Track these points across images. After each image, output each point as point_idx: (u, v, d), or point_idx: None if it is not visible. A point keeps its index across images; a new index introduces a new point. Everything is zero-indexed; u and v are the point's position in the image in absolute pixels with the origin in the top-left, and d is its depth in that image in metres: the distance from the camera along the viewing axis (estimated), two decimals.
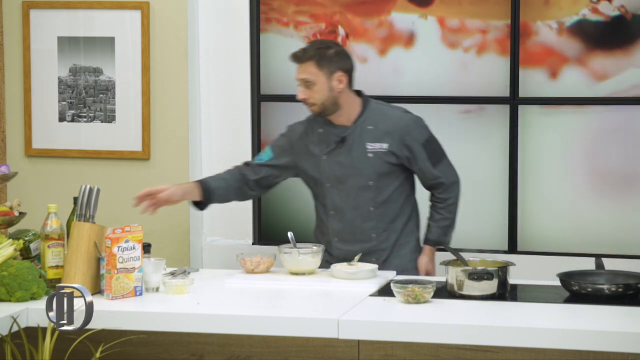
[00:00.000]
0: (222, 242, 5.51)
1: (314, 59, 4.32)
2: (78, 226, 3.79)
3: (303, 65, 4.34)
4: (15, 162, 5.57)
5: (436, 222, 4.45)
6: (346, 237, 4.44)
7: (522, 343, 3.28)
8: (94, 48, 5.51)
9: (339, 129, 4.40)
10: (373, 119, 4.40)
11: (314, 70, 4.32)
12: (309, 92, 4.33)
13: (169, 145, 5.48)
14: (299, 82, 4.36)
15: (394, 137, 4.37)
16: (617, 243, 5.16)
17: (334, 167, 4.41)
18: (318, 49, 4.35)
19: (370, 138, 4.38)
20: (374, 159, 4.37)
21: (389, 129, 4.38)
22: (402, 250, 4.46)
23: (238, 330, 3.48)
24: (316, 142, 4.43)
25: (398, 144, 4.37)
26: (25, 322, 3.52)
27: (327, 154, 4.41)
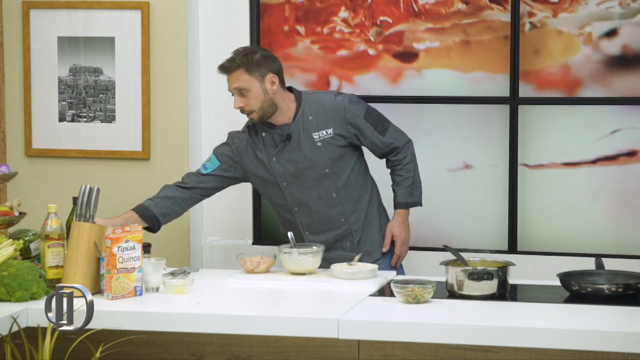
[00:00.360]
0: (222, 242, 5.50)
1: (242, 66, 4.35)
2: (78, 226, 3.79)
3: (233, 74, 4.36)
4: (15, 162, 5.57)
5: (399, 185, 4.52)
6: (317, 228, 4.49)
7: (522, 343, 3.28)
8: (94, 48, 5.51)
9: (282, 128, 4.44)
10: (310, 109, 4.45)
11: (245, 77, 4.35)
12: (245, 99, 4.37)
13: (169, 145, 5.48)
14: (232, 93, 4.40)
15: (336, 119, 4.43)
16: (617, 243, 5.16)
17: (286, 165, 4.44)
18: (244, 55, 4.38)
19: (313, 128, 4.43)
20: (324, 147, 4.42)
21: (328, 114, 4.44)
22: (372, 228, 4.53)
23: (238, 330, 3.48)
24: (262, 147, 4.46)
25: (342, 125, 4.43)
26: (25, 322, 3.52)
27: (276, 155, 4.44)
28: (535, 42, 5.15)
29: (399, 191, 4.53)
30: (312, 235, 4.49)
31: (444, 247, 4.15)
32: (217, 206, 5.51)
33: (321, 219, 4.47)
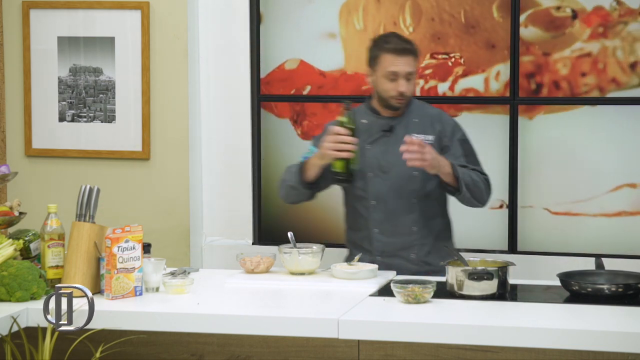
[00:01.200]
0: (222, 242, 5.51)
1: (415, 53, 4.35)
2: (78, 226, 3.79)
3: (408, 58, 4.32)
4: (15, 162, 5.57)
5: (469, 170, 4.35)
6: (387, 228, 4.39)
7: (522, 343, 3.28)
8: (94, 48, 5.51)
9: (386, 119, 4.40)
10: (418, 112, 4.42)
11: (414, 64, 4.34)
12: (408, 85, 4.33)
13: (169, 145, 5.48)
14: (396, 76, 4.30)
15: (436, 130, 4.39)
16: (617, 243, 5.16)
17: (378, 155, 4.39)
18: (411, 41, 4.37)
19: (416, 129, 4.38)
20: None
21: (433, 122, 4.41)
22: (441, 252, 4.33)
23: (238, 330, 3.48)
24: (359, 133, 4.35)
25: (439, 136, 4.38)
26: (25, 322, 3.52)
27: (371, 143, 4.39)
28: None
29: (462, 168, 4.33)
30: (381, 235, 4.39)
31: (444, 247, 4.15)
32: (217, 206, 5.51)
33: (394, 221, 4.38)
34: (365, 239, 4.41)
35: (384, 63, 4.33)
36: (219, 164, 5.50)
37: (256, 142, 5.49)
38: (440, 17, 5.26)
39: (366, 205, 4.42)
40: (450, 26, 5.25)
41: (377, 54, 4.35)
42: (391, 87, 4.32)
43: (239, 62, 5.44)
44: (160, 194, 5.49)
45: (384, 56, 4.33)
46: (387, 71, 4.31)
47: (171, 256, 4.81)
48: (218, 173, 5.50)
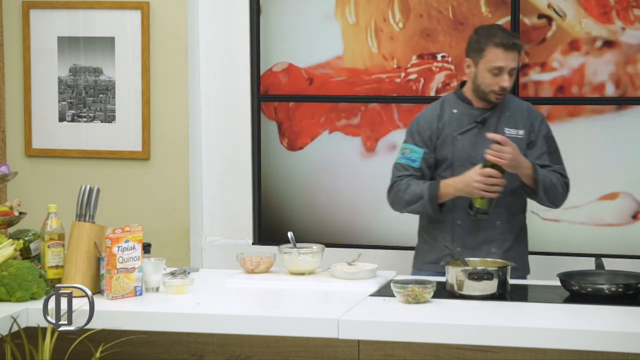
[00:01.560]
0: (222, 242, 5.51)
1: (521, 48, 4.29)
2: (78, 226, 3.79)
3: (514, 53, 4.23)
4: (15, 162, 5.57)
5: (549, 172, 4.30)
6: (469, 223, 4.31)
7: (522, 343, 3.28)
8: (94, 48, 5.51)
9: (479, 110, 4.34)
10: (509, 105, 4.37)
11: (518, 59, 4.27)
12: (510, 80, 4.25)
13: (169, 145, 5.48)
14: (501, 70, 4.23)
15: (526, 125, 4.34)
16: (617, 243, 5.16)
17: (468, 147, 4.32)
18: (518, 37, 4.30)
19: (508, 123, 4.33)
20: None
21: (523, 117, 4.35)
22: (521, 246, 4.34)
23: (238, 330, 3.48)
24: (448, 122, 4.33)
25: (529, 131, 4.33)
26: (25, 322, 3.52)
27: (462, 134, 4.33)
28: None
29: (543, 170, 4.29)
30: (462, 230, 4.32)
31: (444, 247, 4.15)
32: (217, 206, 5.51)
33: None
34: (447, 231, 4.34)
35: (489, 56, 4.23)
36: (219, 164, 5.50)
37: (256, 142, 5.49)
38: (429, 14, 5.26)
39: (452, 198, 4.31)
40: (438, 22, 5.25)
41: (483, 46, 4.25)
42: (494, 82, 4.25)
43: (238, 62, 5.44)
44: (160, 194, 5.49)
45: (490, 49, 4.23)
46: (493, 65, 4.23)
47: (171, 256, 4.82)
48: (218, 173, 5.50)
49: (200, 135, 5.47)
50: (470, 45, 4.32)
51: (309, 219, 5.49)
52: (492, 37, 4.24)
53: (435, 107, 4.41)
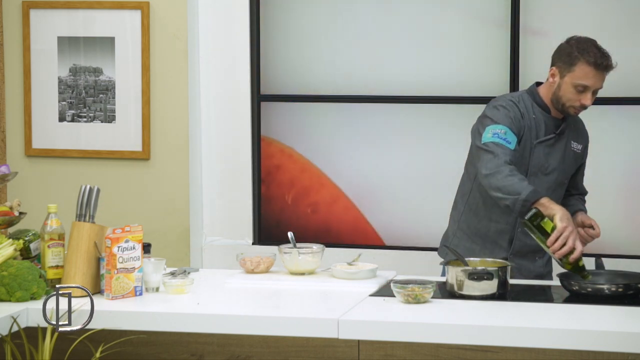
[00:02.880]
0: (222, 242, 5.51)
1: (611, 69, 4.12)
2: (78, 226, 3.79)
3: (603, 74, 4.10)
4: (15, 162, 5.57)
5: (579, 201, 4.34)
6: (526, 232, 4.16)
7: (522, 343, 3.28)
8: (94, 48, 5.51)
9: (555, 120, 4.22)
10: (574, 120, 4.29)
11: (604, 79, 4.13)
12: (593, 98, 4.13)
13: (169, 145, 5.48)
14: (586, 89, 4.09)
15: (585, 140, 4.32)
16: (617, 243, 5.16)
17: (543, 157, 4.21)
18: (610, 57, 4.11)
19: (574, 137, 4.28)
20: (574, 158, 4.27)
21: (582, 132, 4.32)
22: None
23: (238, 330, 3.48)
24: (528, 127, 4.18)
25: (584, 148, 4.31)
26: (25, 322, 3.52)
27: (540, 143, 4.20)
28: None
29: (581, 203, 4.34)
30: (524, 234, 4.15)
31: (443, 247, 4.15)
32: (217, 206, 5.52)
33: None
34: (502, 233, 4.23)
35: (578, 72, 4.08)
36: (219, 164, 5.50)
37: (256, 142, 5.49)
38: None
39: None
40: None
41: (575, 61, 4.08)
42: (576, 98, 4.11)
43: (239, 62, 5.44)
44: (160, 194, 5.49)
45: (581, 66, 4.07)
46: (580, 83, 4.08)
47: (171, 256, 4.82)
48: (218, 173, 5.50)
49: (200, 135, 5.47)
50: (560, 55, 4.13)
51: (309, 219, 5.49)
52: (586, 53, 4.07)
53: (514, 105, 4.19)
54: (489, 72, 5.25)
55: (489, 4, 5.20)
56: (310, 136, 5.47)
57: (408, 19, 5.32)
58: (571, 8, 5.14)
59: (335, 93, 5.43)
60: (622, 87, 5.13)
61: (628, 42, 5.11)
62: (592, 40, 4.14)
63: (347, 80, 5.41)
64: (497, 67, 5.24)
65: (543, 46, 5.17)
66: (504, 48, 5.20)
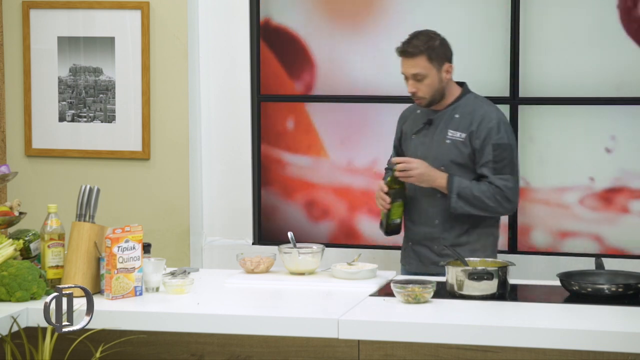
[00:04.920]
0: (222, 242, 5.51)
1: (425, 53, 4.32)
2: (78, 226, 3.79)
3: (414, 60, 4.33)
4: (15, 162, 5.57)
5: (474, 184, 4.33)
6: (414, 217, 4.47)
7: (522, 343, 3.28)
8: (94, 48, 5.51)
9: (430, 112, 4.44)
10: (463, 109, 4.41)
11: (425, 65, 4.33)
12: (419, 85, 4.35)
13: (169, 145, 5.48)
14: (406, 76, 4.36)
15: (473, 128, 4.37)
16: (617, 243, 5.16)
17: (417, 146, 4.46)
18: (427, 42, 4.33)
19: (453, 126, 4.39)
20: (451, 146, 4.38)
21: (473, 120, 4.38)
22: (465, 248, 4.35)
23: (238, 330, 3.48)
24: (410, 121, 4.52)
25: (474, 136, 4.35)
26: (25, 322, 3.52)
27: (415, 134, 4.48)
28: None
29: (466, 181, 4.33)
30: (410, 222, 4.49)
31: (444, 247, 4.15)
32: (217, 206, 5.51)
33: (419, 212, 4.44)
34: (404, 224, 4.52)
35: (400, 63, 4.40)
36: (219, 164, 5.50)
37: (256, 142, 5.49)
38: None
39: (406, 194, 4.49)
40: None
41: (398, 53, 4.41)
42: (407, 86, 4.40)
43: (239, 62, 5.44)
44: (160, 194, 5.49)
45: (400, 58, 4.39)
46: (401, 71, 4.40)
47: (171, 256, 4.82)
48: (218, 173, 5.50)
49: (200, 135, 5.47)
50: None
51: (309, 219, 5.48)
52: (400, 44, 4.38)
53: (410, 108, 4.59)
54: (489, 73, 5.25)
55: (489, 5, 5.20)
56: (310, 135, 5.46)
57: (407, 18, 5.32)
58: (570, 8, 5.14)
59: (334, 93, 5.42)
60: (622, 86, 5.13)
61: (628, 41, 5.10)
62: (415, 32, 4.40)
63: (347, 80, 5.41)
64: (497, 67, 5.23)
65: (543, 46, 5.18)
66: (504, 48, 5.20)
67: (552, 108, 5.20)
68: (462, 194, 4.30)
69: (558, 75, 5.18)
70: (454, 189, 4.30)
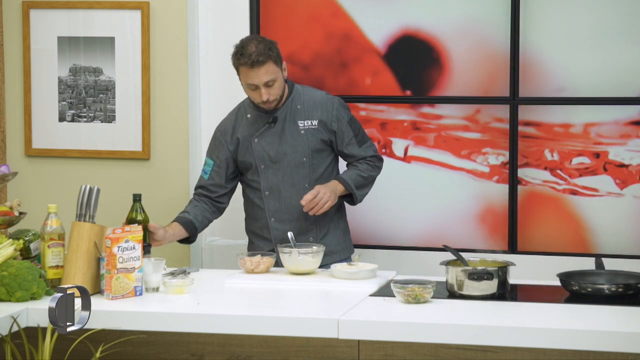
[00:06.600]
0: (222, 242, 5.50)
1: (271, 58, 4.42)
2: (78, 226, 3.79)
3: (264, 67, 4.40)
4: (15, 162, 5.57)
5: (355, 169, 4.55)
6: (283, 216, 4.55)
7: (522, 343, 3.28)
8: (94, 48, 5.51)
9: (269, 111, 4.53)
10: (300, 99, 4.56)
11: (274, 69, 4.43)
12: (271, 90, 4.44)
13: (169, 145, 5.48)
14: (255, 86, 4.43)
15: (322, 113, 4.53)
16: (617, 243, 5.16)
17: (266, 147, 4.53)
18: (268, 46, 4.43)
19: (300, 116, 4.54)
20: (306, 136, 4.52)
21: (317, 106, 4.55)
22: (338, 230, 4.58)
23: (238, 330, 3.48)
24: (245, 127, 4.57)
25: (326, 120, 4.53)
26: (25, 322, 3.52)
27: (258, 136, 4.54)
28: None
29: (350, 172, 4.55)
30: (277, 222, 4.55)
31: (444, 247, 4.15)
32: None
33: (289, 207, 4.53)
34: (264, 228, 4.58)
35: (242, 75, 4.46)
36: None
37: None
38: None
39: (260, 196, 4.57)
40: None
41: (235, 65, 4.49)
42: (255, 96, 4.46)
43: None
44: (160, 194, 5.48)
45: (241, 69, 4.45)
46: (247, 83, 4.45)
47: (171, 256, 4.82)
48: None
49: (200, 135, 5.47)
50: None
51: None
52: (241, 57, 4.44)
53: (231, 116, 4.66)
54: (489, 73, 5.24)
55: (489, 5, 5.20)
56: None
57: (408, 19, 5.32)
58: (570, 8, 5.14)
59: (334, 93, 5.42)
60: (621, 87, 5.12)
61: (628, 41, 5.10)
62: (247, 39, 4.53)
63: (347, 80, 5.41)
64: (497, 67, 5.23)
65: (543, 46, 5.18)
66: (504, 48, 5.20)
67: (552, 108, 5.20)
68: (358, 184, 4.51)
69: (558, 75, 5.18)
70: (352, 186, 4.49)
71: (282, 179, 4.53)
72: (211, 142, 4.67)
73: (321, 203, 4.39)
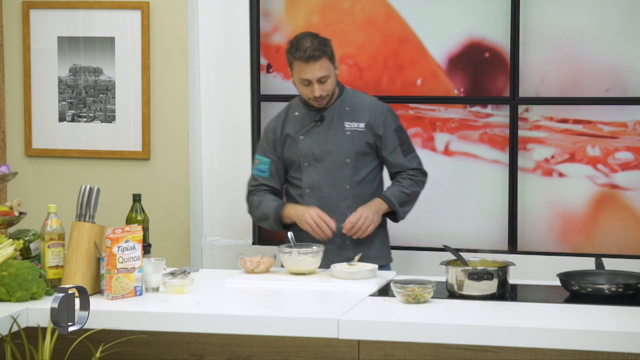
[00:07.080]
0: (222, 242, 5.51)
1: (326, 54, 4.43)
2: (78, 226, 3.79)
3: (318, 62, 4.40)
4: (15, 162, 5.57)
5: (399, 185, 4.53)
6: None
7: (522, 343, 3.28)
8: (94, 48, 5.51)
9: (317, 110, 4.53)
10: (350, 101, 4.55)
11: (328, 65, 4.44)
12: (324, 86, 4.45)
13: (169, 145, 5.48)
14: (309, 81, 4.42)
15: (370, 118, 4.52)
16: (617, 243, 5.16)
17: (311, 145, 4.53)
18: (323, 42, 4.44)
19: (347, 118, 4.53)
20: (352, 137, 4.51)
21: (365, 110, 4.54)
22: (375, 238, 4.54)
23: (238, 330, 3.48)
24: (292, 125, 4.57)
25: (373, 124, 4.52)
26: (25, 322, 3.52)
27: (304, 134, 4.54)
28: None
29: (394, 189, 4.53)
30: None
31: (444, 247, 4.15)
32: (217, 206, 5.51)
33: (328, 207, 4.49)
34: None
35: (296, 70, 4.45)
36: (219, 163, 5.50)
37: (256, 142, 5.49)
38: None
39: (301, 194, 4.55)
40: None
41: (290, 60, 4.47)
42: (308, 91, 4.45)
43: (239, 62, 5.44)
44: (160, 194, 5.49)
45: (296, 64, 4.44)
46: (301, 78, 4.44)
47: (171, 256, 4.82)
48: (218, 173, 5.50)
49: (200, 135, 5.47)
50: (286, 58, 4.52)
51: None
52: (296, 51, 4.43)
53: (280, 114, 4.66)
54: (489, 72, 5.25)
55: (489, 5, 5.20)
56: None
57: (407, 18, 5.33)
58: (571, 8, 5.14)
59: None
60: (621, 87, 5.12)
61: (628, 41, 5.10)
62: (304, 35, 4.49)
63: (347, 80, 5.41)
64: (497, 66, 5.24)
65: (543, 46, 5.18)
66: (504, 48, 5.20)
67: (552, 108, 5.20)
68: (401, 202, 4.49)
69: (558, 75, 5.18)
70: (396, 204, 4.48)
71: (323, 177, 4.52)
72: (263, 141, 4.66)
73: (364, 227, 4.40)
